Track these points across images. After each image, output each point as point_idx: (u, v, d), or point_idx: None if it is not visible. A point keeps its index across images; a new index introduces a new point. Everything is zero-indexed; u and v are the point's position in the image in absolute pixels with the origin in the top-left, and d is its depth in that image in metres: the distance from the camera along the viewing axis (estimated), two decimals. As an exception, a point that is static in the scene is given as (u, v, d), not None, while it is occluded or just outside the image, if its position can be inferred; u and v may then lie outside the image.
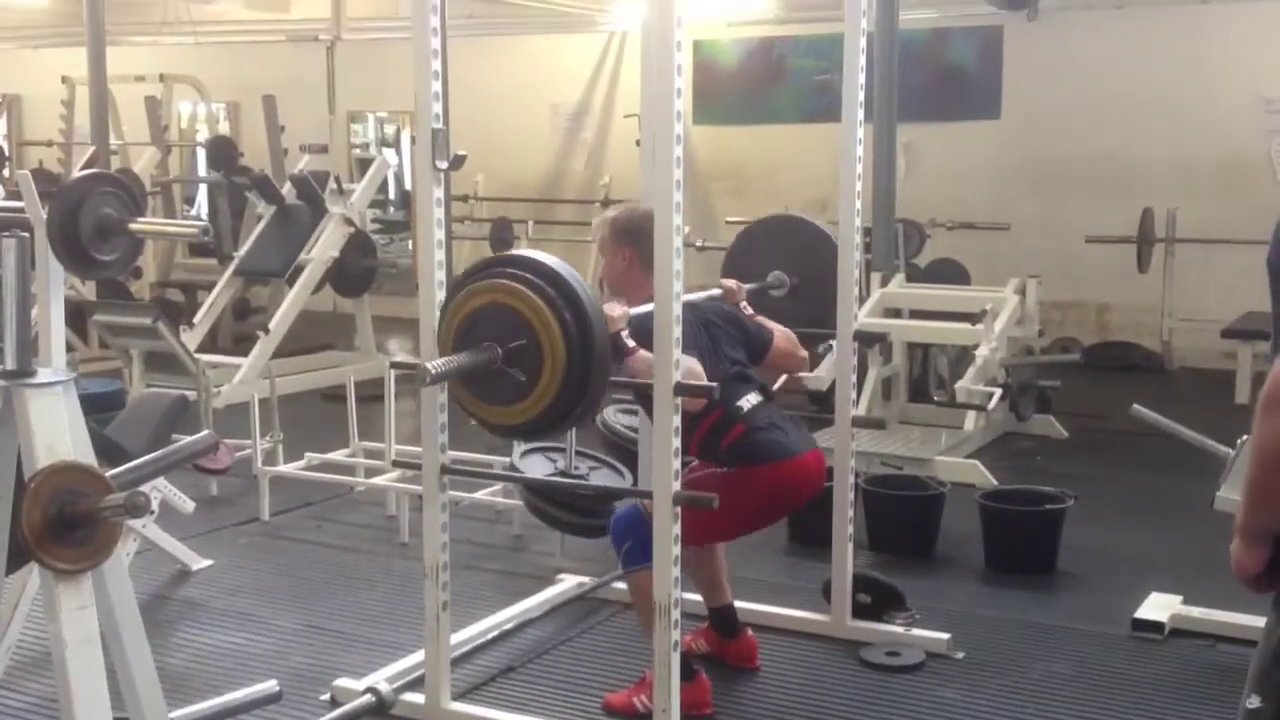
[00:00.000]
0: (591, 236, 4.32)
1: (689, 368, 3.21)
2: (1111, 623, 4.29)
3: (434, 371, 3.04)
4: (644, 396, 3.41)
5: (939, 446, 6.39)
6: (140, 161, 10.67)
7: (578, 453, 4.36)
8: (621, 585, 4.49)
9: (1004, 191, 9.80)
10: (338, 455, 5.88)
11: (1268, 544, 2.11)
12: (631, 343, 3.33)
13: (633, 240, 3.58)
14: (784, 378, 5.00)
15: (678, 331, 3.11)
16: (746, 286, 3.98)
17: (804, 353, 3.99)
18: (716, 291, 3.90)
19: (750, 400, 3.63)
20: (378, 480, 5.58)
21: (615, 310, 3.31)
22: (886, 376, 6.96)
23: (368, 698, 3.60)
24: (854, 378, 4.23)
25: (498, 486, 5.24)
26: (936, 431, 6.66)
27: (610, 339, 3.16)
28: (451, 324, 3.18)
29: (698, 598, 3.95)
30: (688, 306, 3.34)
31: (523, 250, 3.25)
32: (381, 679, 3.67)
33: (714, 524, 3.44)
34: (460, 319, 3.16)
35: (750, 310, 3.90)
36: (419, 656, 3.67)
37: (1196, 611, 4.25)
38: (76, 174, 4.07)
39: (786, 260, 4.28)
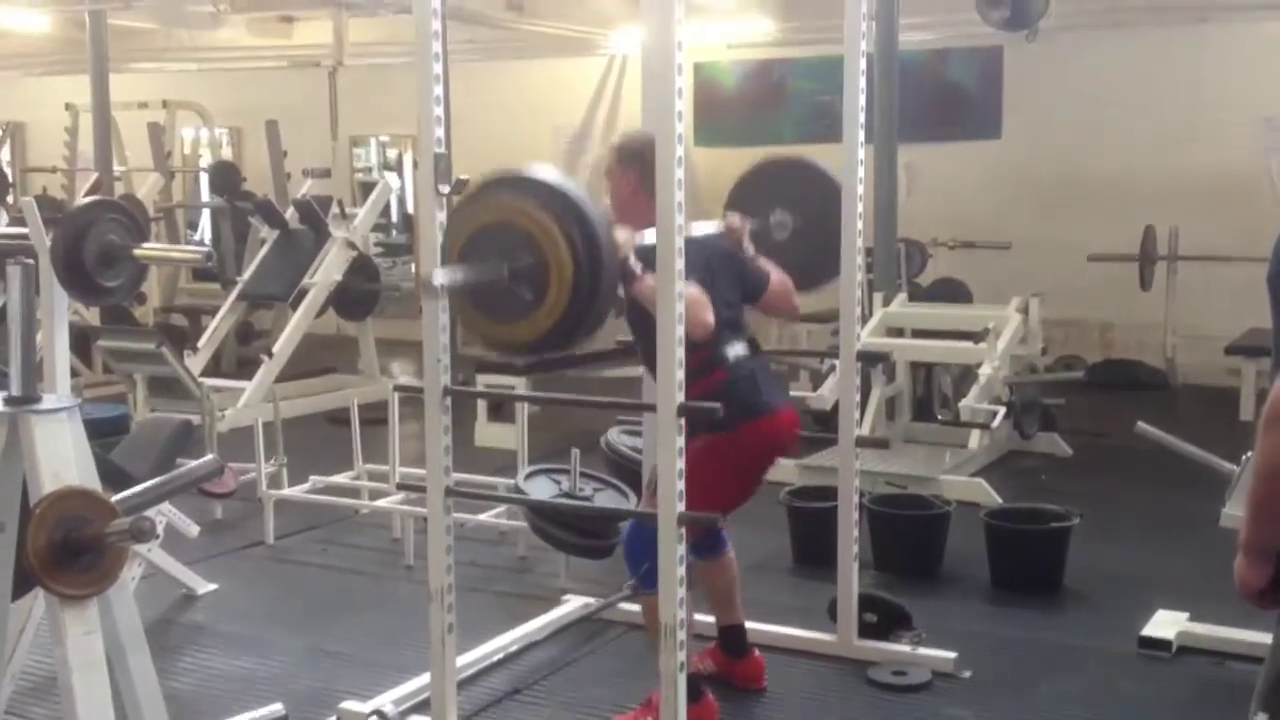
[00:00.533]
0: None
1: (691, 293, 3.21)
2: (1118, 641, 4.28)
3: (440, 281, 3.00)
4: (645, 335, 3.34)
5: (943, 465, 6.39)
6: (144, 187, 10.71)
7: (582, 474, 4.36)
8: (628, 606, 4.49)
9: (1005, 210, 9.81)
10: (342, 478, 5.88)
11: (1271, 560, 2.11)
12: (638, 268, 3.29)
13: (638, 164, 3.49)
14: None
15: (681, 353, 3.11)
16: (749, 224, 3.93)
17: (798, 300, 3.95)
18: (719, 227, 3.85)
19: (736, 350, 3.62)
20: (382, 503, 5.57)
21: (621, 235, 3.25)
22: (890, 396, 6.95)
23: (373, 721, 3.59)
24: (857, 398, 4.23)
25: (502, 508, 5.24)
26: (940, 450, 6.66)
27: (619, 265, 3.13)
28: (457, 241, 3.14)
29: (707, 619, 3.93)
30: (690, 241, 3.31)
31: (530, 169, 3.16)
32: (387, 702, 3.66)
33: (706, 493, 3.40)
34: (466, 236, 3.12)
35: (752, 250, 3.86)
36: (425, 679, 3.66)
37: (1203, 629, 4.24)
38: (80, 201, 4.08)
39: (790, 201, 4.22)
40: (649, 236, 3.19)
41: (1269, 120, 9.21)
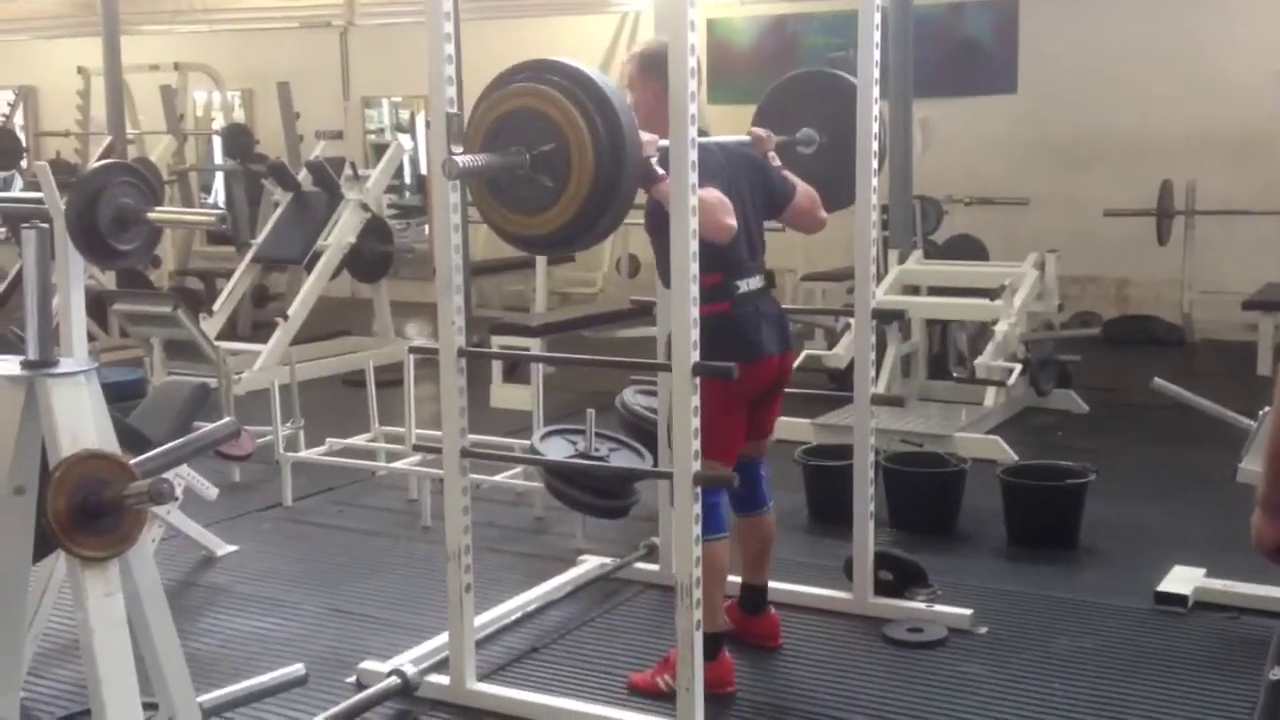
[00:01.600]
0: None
1: (712, 196, 3.17)
2: (1134, 596, 4.28)
3: (460, 165, 2.96)
4: (665, 237, 3.27)
5: (959, 423, 6.38)
6: (157, 150, 10.71)
7: (597, 434, 4.36)
8: (644, 565, 4.52)
9: (1021, 166, 9.76)
10: (358, 440, 5.90)
11: (1290, 515, 2.10)
12: (661, 170, 3.24)
13: (662, 73, 3.34)
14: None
15: (695, 312, 3.11)
16: (776, 138, 3.91)
17: (824, 214, 3.88)
18: (746, 138, 3.82)
19: (750, 284, 3.59)
20: (399, 464, 5.60)
21: (645, 136, 3.19)
22: (905, 354, 6.94)
23: (393, 680, 3.62)
24: (873, 356, 4.22)
25: (518, 469, 5.26)
26: (956, 408, 6.65)
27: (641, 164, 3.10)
28: (479, 128, 3.10)
29: (734, 578, 3.93)
30: (716, 144, 3.27)
31: (557, 57, 3.11)
32: (406, 661, 3.69)
33: (719, 439, 3.40)
34: (488, 123, 3.08)
35: (778, 162, 3.82)
36: (443, 639, 3.69)
37: (1220, 584, 4.23)
38: (94, 164, 4.08)
39: (817, 117, 4.19)
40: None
41: (1288, 72, 9.12)
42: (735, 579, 3.95)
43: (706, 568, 3.33)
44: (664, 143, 3.21)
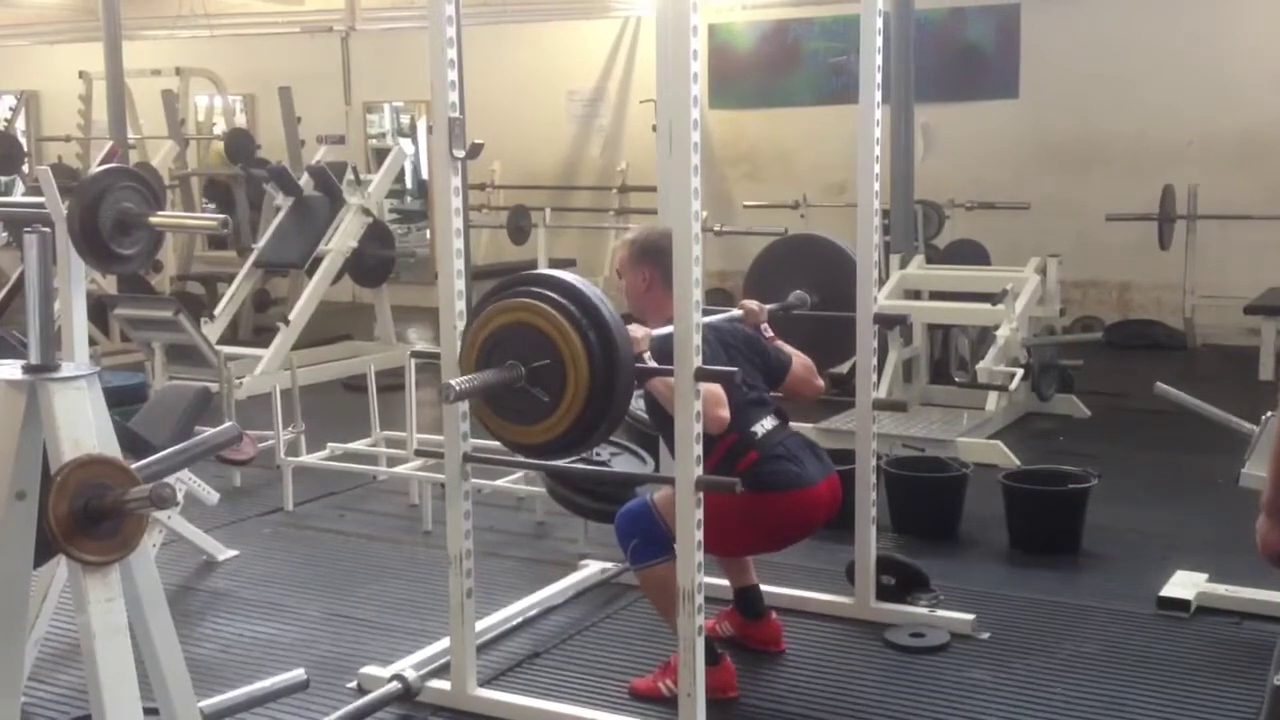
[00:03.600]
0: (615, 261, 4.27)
1: (708, 390, 3.21)
2: (1137, 601, 4.28)
3: (457, 389, 3.06)
4: (662, 422, 3.42)
5: (961, 428, 6.38)
6: (158, 155, 10.71)
7: (599, 439, 4.36)
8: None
9: (1023, 171, 9.76)
10: (360, 445, 5.90)
11: (1293, 520, 2.10)
12: (653, 364, 3.32)
13: (652, 260, 3.57)
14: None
15: (698, 316, 3.11)
16: (767, 307, 3.98)
17: (820, 381, 3.96)
18: (737, 313, 3.88)
19: (765, 425, 3.61)
20: (400, 469, 5.59)
21: (637, 332, 3.29)
22: (907, 358, 6.94)
23: (394, 685, 3.61)
24: (874, 360, 4.22)
25: (520, 474, 5.25)
26: (958, 413, 6.65)
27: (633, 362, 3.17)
28: (475, 342, 3.19)
29: (721, 581, 3.96)
30: (708, 328, 3.34)
31: (548, 270, 3.24)
32: (407, 666, 3.68)
33: (722, 540, 3.42)
34: (484, 337, 3.17)
35: (770, 333, 3.89)
36: (444, 644, 3.69)
37: (1222, 589, 4.23)
38: (96, 169, 4.07)
39: (808, 279, 4.27)
40: (664, 331, 3.23)
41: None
42: (722, 582, 3.95)
43: (664, 592, 3.36)
44: (657, 332, 3.31)
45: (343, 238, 8.57)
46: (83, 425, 2.14)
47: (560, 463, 4.07)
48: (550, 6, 11.42)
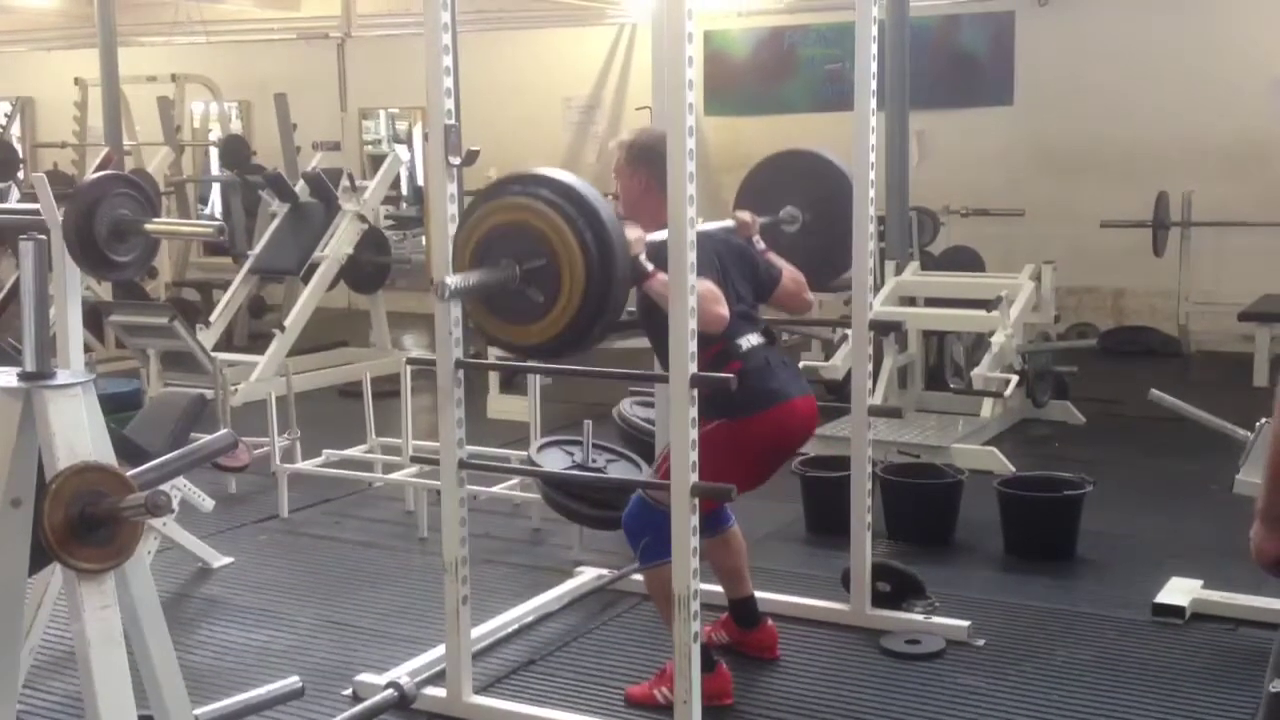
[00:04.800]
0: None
1: (704, 286, 3.19)
2: (1132, 608, 4.28)
3: (451, 287, 3.01)
4: (655, 328, 3.35)
5: (956, 434, 6.38)
6: (154, 162, 10.71)
7: (594, 446, 4.37)
8: (640, 578, 4.51)
9: (1018, 177, 9.77)
10: (355, 451, 5.90)
11: (1289, 527, 2.10)
12: (650, 266, 3.28)
13: (649, 163, 3.48)
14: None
15: (693, 323, 3.11)
16: (760, 220, 3.93)
17: (810, 295, 3.92)
18: (730, 224, 3.84)
19: (751, 340, 3.60)
20: (396, 476, 5.59)
21: (633, 233, 3.24)
22: (902, 365, 6.94)
23: (390, 692, 3.59)
24: (870, 367, 4.22)
25: (515, 480, 5.25)
26: (953, 419, 6.65)
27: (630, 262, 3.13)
28: (469, 243, 3.14)
29: (717, 588, 3.95)
30: (702, 235, 3.30)
31: (541, 169, 3.17)
32: (403, 673, 3.67)
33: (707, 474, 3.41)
34: (478, 238, 3.12)
35: (763, 245, 3.85)
36: (440, 651, 3.69)
37: (1217, 595, 4.23)
38: (91, 175, 4.07)
39: (800, 196, 4.20)
40: (660, 235, 3.19)
41: (1282, 84, 9.15)
42: (718, 589, 3.95)
43: (664, 593, 3.35)
44: (652, 237, 3.27)
45: (338, 244, 8.57)
46: (78, 432, 2.14)
47: (557, 471, 4.09)
48: (546, 13, 11.43)
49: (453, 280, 3.03)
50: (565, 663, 3.97)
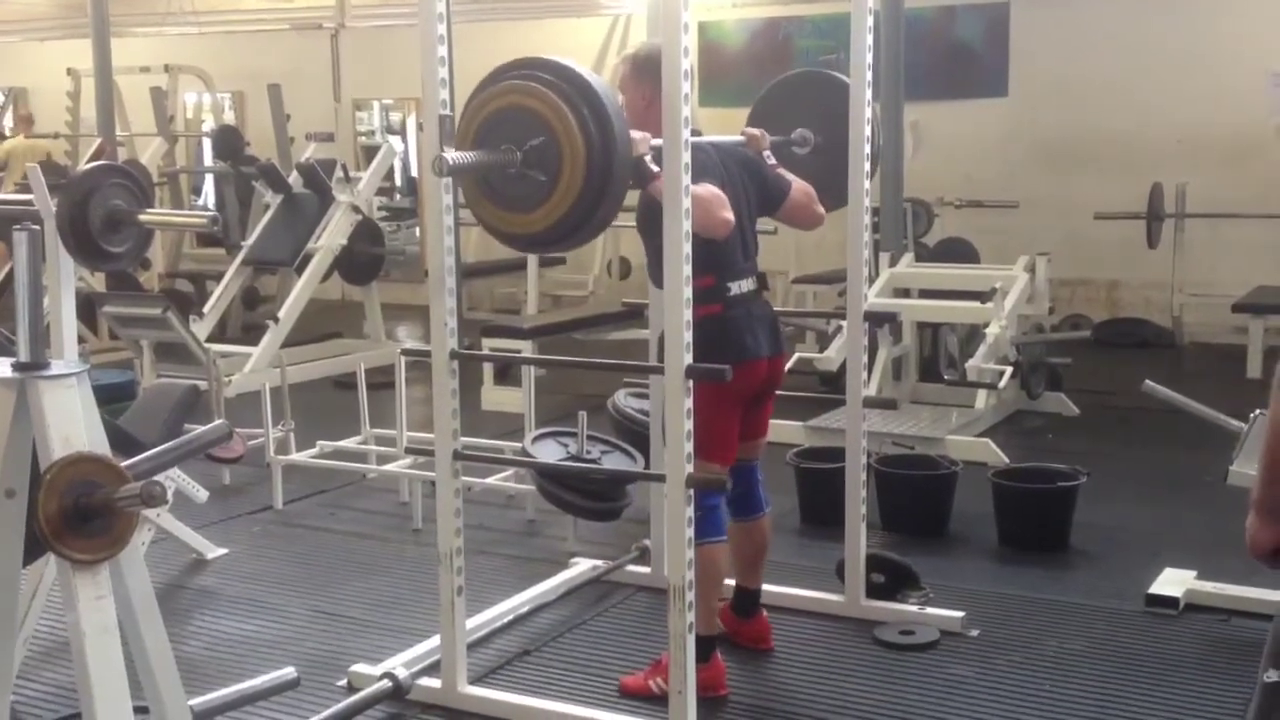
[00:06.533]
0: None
1: (708, 191, 3.17)
2: (1125, 599, 4.29)
3: (450, 162, 2.97)
4: (655, 231, 3.26)
5: (950, 425, 6.39)
6: (147, 152, 10.69)
7: (589, 437, 4.37)
8: (636, 568, 4.52)
9: (1012, 169, 9.78)
10: (350, 443, 5.89)
11: (1283, 519, 2.10)
12: (655, 167, 3.23)
13: (654, 76, 3.35)
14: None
15: (689, 315, 3.11)
16: (770, 138, 3.89)
17: (821, 209, 3.86)
18: (740, 139, 3.81)
19: (742, 286, 3.59)
20: (390, 467, 5.59)
21: (638, 134, 3.20)
22: (897, 356, 6.95)
23: (384, 683, 3.61)
24: (864, 358, 4.22)
25: (510, 472, 5.25)
26: (947, 410, 6.66)
27: (634, 162, 3.11)
28: (469, 129, 3.11)
29: (727, 581, 3.92)
30: (709, 144, 3.28)
31: (545, 56, 3.12)
32: (398, 664, 3.68)
33: (712, 435, 3.39)
34: (479, 123, 3.09)
35: (773, 160, 3.82)
36: (435, 642, 3.68)
37: (1210, 586, 4.24)
38: (85, 166, 4.07)
39: (812, 118, 4.18)
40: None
41: (1277, 76, 9.15)
42: (729, 581, 3.95)
43: (705, 572, 3.34)
44: (657, 141, 3.20)
45: (332, 235, 8.56)
46: (72, 423, 2.14)
47: (551, 462, 4.08)
48: (541, 4, 11.41)
49: (452, 155, 2.98)
50: (560, 653, 3.97)
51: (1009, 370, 6.54)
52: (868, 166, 4.04)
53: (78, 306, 4.03)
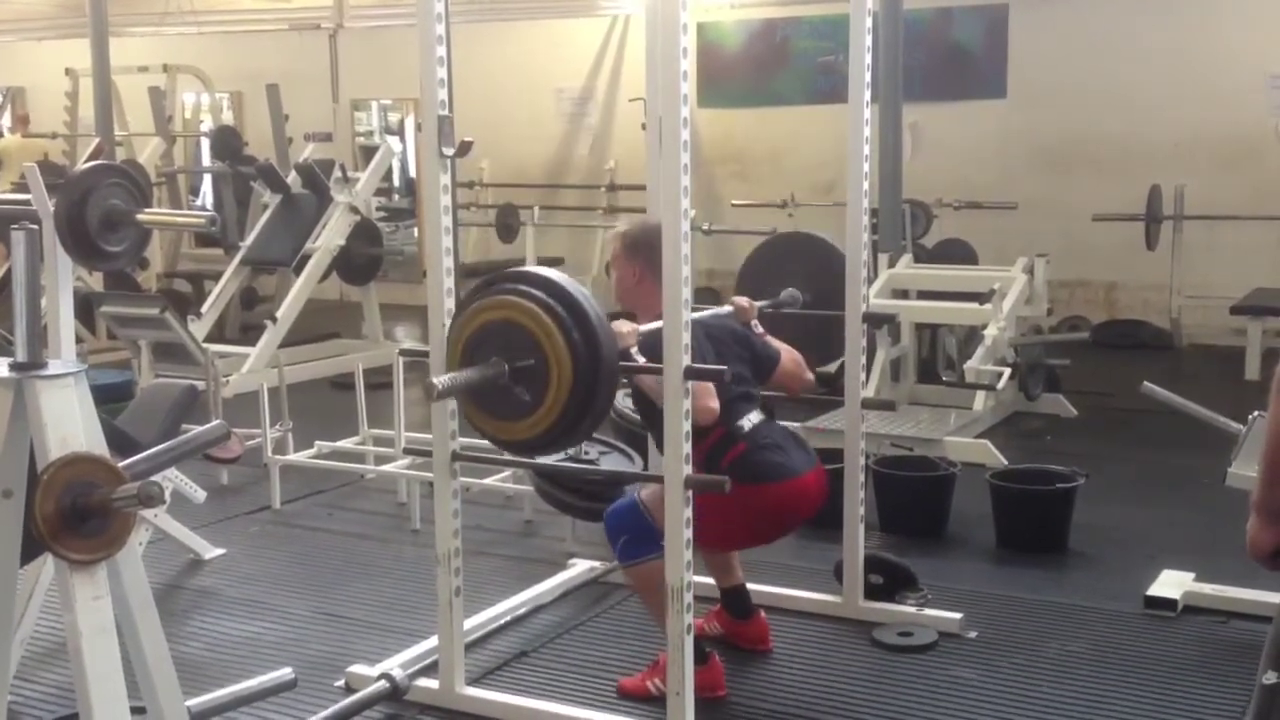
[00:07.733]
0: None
1: (698, 386, 3.22)
2: (1124, 600, 4.29)
3: (440, 386, 3.05)
4: (650, 416, 3.43)
5: (948, 427, 6.39)
6: (145, 152, 10.68)
7: (587, 438, 4.37)
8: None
9: (1011, 171, 9.78)
10: (347, 443, 5.89)
11: (1283, 521, 2.10)
12: (641, 359, 3.33)
13: (644, 254, 3.56)
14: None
15: (687, 314, 3.11)
16: (759, 304, 3.99)
17: (810, 375, 3.97)
18: (728, 309, 3.89)
19: (752, 419, 3.63)
20: (388, 468, 5.58)
21: (623, 328, 3.30)
22: (895, 358, 6.95)
23: (382, 684, 3.60)
24: (863, 359, 4.22)
25: (508, 472, 5.25)
26: (946, 412, 6.66)
27: (620, 356, 3.18)
28: (460, 339, 3.19)
29: (708, 580, 3.95)
30: (696, 323, 3.35)
31: (534, 268, 3.25)
32: (395, 665, 3.68)
33: (712, 535, 3.42)
34: (469, 334, 3.17)
35: (761, 329, 3.90)
36: (432, 642, 3.68)
37: (1209, 588, 4.24)
38: (83, 166, 4.06)
39: (801, 277, 4.29)
40: (654, 326, 3.23)
41: (1275, 78, 9.15)
42: (709, 580, 3.96)
43: (645, 588, 3.44)
44: (645, 328, 3.32)
45: (330, 235, 8.55)
46: (70, 423, 2.13)
47: (548, 461, 4.08)
48: (539, 4, 11.42)
49: (441, 380, 3.06)
50: (558, 654, 3.97)
51: (1007, 372, 6.54)
52: (865, 168, 4.04)
53: (76, 306, 4.03)
